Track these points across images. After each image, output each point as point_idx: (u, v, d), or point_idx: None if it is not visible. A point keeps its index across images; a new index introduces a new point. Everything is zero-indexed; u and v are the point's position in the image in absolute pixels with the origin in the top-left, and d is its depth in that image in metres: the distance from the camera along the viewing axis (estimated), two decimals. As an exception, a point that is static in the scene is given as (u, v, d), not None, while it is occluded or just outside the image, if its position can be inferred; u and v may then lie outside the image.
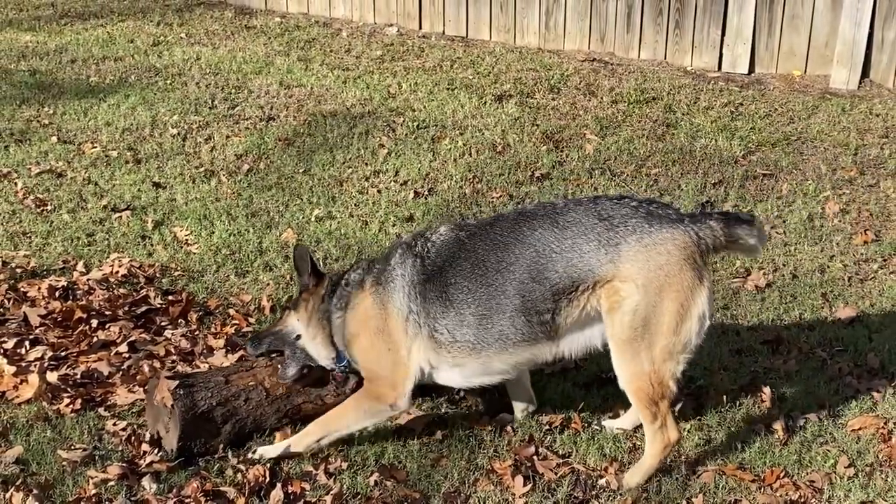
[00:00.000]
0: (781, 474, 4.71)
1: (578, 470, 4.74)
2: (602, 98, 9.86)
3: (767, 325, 6.07)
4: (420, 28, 11.85)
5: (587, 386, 5.42)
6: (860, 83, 10.06)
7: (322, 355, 4.92)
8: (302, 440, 4.75)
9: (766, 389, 5.34)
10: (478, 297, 4.52)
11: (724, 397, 5.28)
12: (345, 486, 4.56)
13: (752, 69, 10.51)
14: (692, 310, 4.38)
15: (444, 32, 11.72)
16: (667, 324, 4.37)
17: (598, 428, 5.08)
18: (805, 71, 10.34)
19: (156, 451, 4.78)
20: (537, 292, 4.45)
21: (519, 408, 5.15)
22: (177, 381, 4.79)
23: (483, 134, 8.92)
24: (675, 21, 10.69)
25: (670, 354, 4.40)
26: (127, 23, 11.91)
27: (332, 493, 4.50)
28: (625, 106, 9.68)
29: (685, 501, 4.52)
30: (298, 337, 4.95)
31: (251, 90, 9.89)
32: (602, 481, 4.67)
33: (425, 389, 5.28)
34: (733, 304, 6.30)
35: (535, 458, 4.81)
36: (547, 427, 5.06)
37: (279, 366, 4.99)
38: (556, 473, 4.71)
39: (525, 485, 4.60)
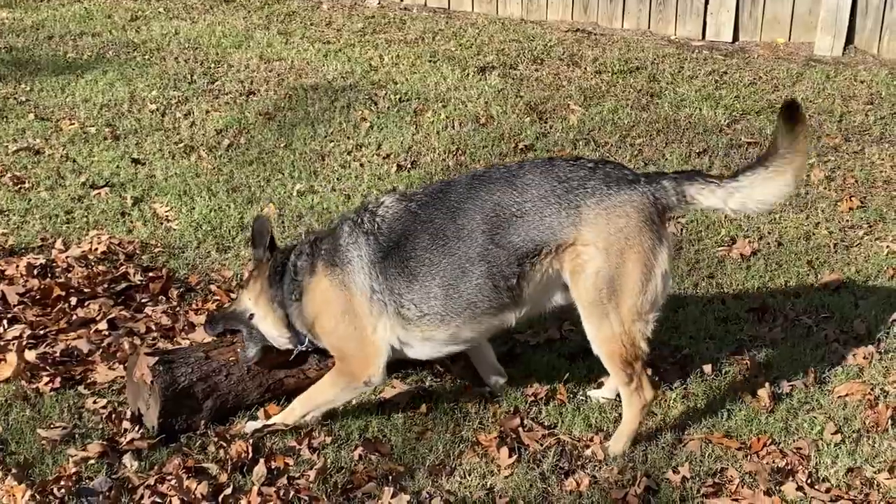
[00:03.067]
0: (768, 442, 4.69)
1: (564, 441, 4.71)
2: (586, 68, 9.79)
3: (753, 293, 6.04)
4: (402, 0, 11.74)
5: (572, 357, 5.38)
6: (844, 50, 10.01)
7: (275, 336, 4.83)
8: (287, 416, 4.72)
9: (752, 357, 5.32)
10: (442, 268, 4.47)
11: (710, 366, 5.26)
12: (329, 461, 4.52)
13: (735, 37, 10.44)
14: (655, 269, 4.40)
15: (425, 4, 11.61)
16: (631, 285, 4.38)
17: (582, 398, 5.05)
18: (789, 38, 10.28)
19: (136, 428, 4.72)
20: (502, 257, 4.42)
21: (490, 382, 5.13)
22: (156, 358, 4.73)
23: (466, 106, 8.84)
24: (659, -10, 10.61)
25: (639, 315, 4.42)
26: (104, -2, 11.78)
27: (315, 467, 4.45)
28: (609, 76, 9.60)
29: (671, 470, 4.48)
30: (252, 316, 4.85)
31: (231, 64, 9.78)
32: (588, 451, 4.63)
33: (407, 363, 5.25)
34: (718, 273, 6.26)
35: (520, 429, 4.78)
36: (532, 398, 5.02)
37: (238, 349, 4.89)
38: (541, 444, 4.67)
39: (510, 456, 4.57)
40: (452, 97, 9.02)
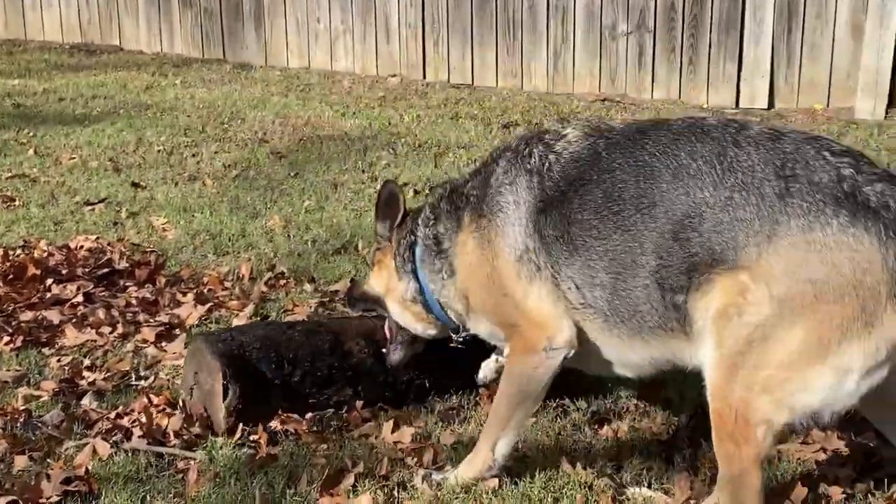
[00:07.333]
0: None
1: None
2: (615, 126, 9.33)
3: None
4: (424, 77, 11.40)
5: None
6: (887, 113, 9.53)
7: (418, 330, 3.85)
8: (473, 463, 3.53)
9: None
10: (610, 247, 3.28)
11: None
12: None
13: (771, 104, 9.98)
14: (830, 356, 3.03)
15: (448, 80, 11.26)
16: (784, 354, 3.07)
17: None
18: (828, 104, 9.82)
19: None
20: (675, 257, 3.19)
21: None
22: None
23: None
24: (689, 58, 10.22)
25: (769, 391, 3.09)
26: (120, 73, 11.51)
27: None
28: (639, 132, 9.13)
29: None
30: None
31: (244, 120, 9.38)
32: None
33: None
34: None
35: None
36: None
37: (383, 349, 3.99)
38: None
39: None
40: (475, 145, 8.54)
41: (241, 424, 3.72)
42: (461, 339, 3.82)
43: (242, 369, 3.76)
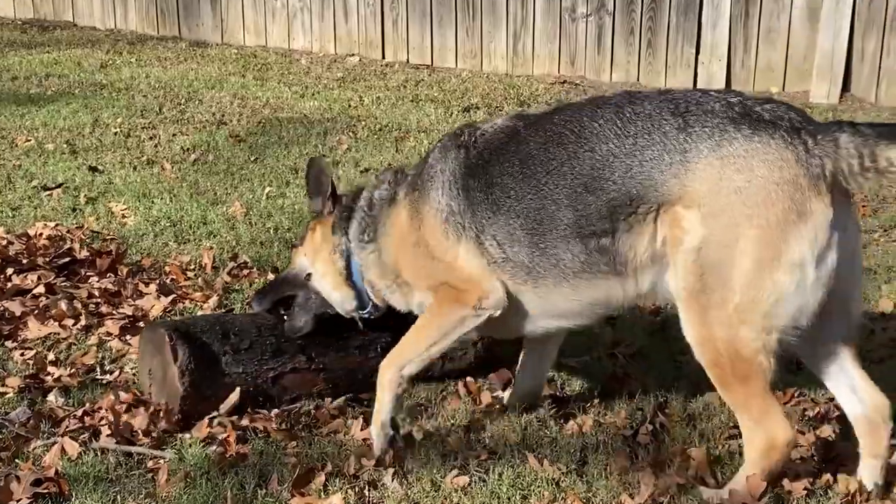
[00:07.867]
0: None
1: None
2: (574, 110, 9.36)
3: None
4: (383, 57, 11.38)
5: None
6: (841, 97, 9.65)
7: (335, 298, 4.02)
8: (383, 388, 3.71)
9: None
10: (526, 205, 3.56)
11: None
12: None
13: (728, 87, 10.08)
14: (782, 255, 3.21)
15: (408, 61, 11.25)
16: (741, 273, 3.24)
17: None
18: (783, 87, 9.93)
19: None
20: (592, 206, 3.45)
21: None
22: None
23: (449, 136, 8.35)
24: (648, 40, 10.28)
25: (745, 317, 3.25)
26: (75, 50, 11.36)
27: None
28: (598, 115, 9.17)
29: None
30: (309, 276, 4.07)
31: (201, 101, 9.30)
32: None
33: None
34: None
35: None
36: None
37: (286, 316, 4.09)
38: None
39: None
40: (436, 129, 8.54)
41: (206, 416, 3.74)
42: (367, 315, 4.00)
43: (188, 337, 3.83)
